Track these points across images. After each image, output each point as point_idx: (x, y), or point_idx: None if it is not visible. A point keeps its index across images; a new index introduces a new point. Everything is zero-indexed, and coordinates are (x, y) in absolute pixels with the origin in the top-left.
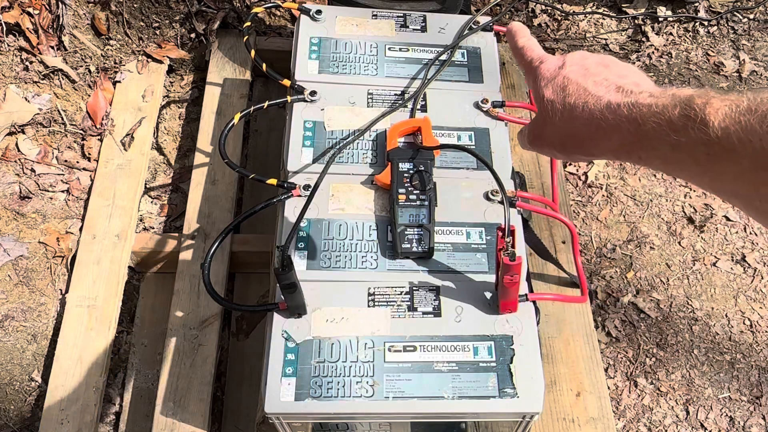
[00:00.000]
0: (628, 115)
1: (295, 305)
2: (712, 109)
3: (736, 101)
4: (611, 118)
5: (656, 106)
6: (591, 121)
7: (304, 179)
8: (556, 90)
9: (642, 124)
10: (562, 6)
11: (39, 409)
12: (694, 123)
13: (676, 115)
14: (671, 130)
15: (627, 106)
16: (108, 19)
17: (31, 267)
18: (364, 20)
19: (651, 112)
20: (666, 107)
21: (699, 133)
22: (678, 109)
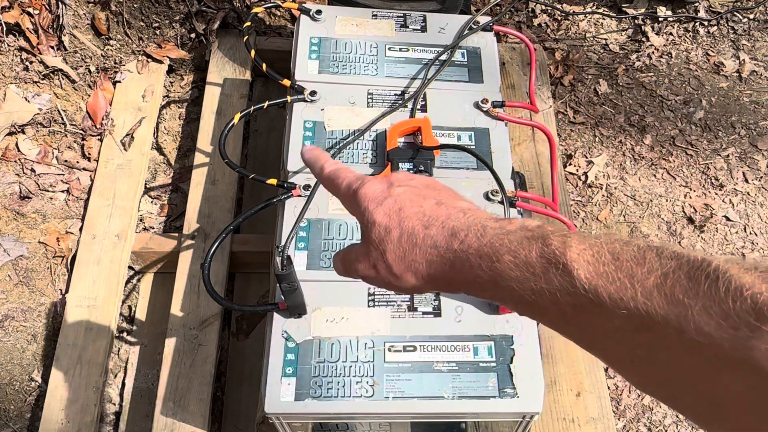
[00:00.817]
0: (479, 248)
1: (295, 305)
2: (572, 254)
3: (596, 244)
4: (458, 247)
5: (509, 239)
6: (435, 251)
7: (304, 179)
8: (390, 213)
9: (496, 261)
10: (562, 6)
11: (39, 409)
12: (556, 269)
13: (534, 255)
14: (530, 273)
15: (476, 236)
16: (108, 19)
17: (31, 267)
18: (364, 20)
19: (504, 247)
20: (521, 243)
21: (563, 281)
22: (535, 249)
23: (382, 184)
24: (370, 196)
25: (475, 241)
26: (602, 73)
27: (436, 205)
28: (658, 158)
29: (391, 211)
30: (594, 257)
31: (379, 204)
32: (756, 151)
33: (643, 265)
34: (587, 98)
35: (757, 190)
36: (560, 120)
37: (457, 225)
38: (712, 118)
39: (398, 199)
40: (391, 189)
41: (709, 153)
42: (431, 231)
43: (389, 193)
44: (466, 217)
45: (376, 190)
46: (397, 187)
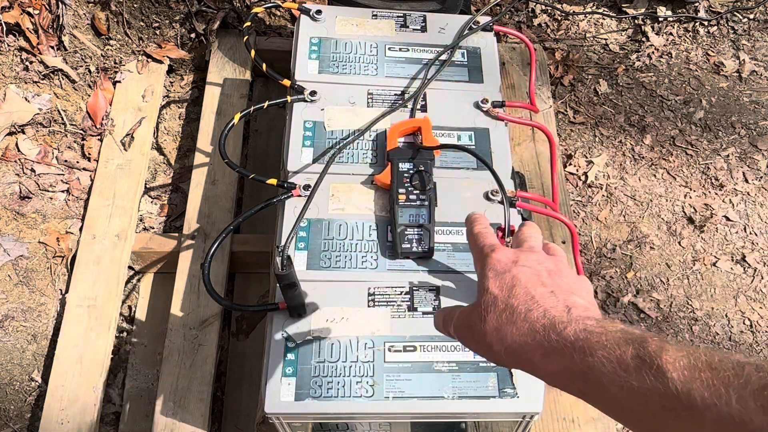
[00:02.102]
0: (575, 341)
1: (295, 305)
2: (669, 357)
3: (694, 353)
4: (555, 338)
5: (606, 338)
6: (531, 334)
7: (304, 179)
8: (503, 287)
9: (589, 355)
10: (562, 6)
11: (39, 409)
12: (650, 369)
13: (629, 354)
14: (622, 369)
15: (574, 331)
16: (108, 19)
17: (31, 267)
18: (364, 20)
19: (600, 344)
20: (618, 342)
21: (655, 381)
22: (631, 349)
23: (509, 258)
24: (495, 265)
25: (572, 335)
26: (602, 73)
27: (548, 294)
28: (658, 158)
29: (504, 285)
30: (690, 363)
31: (498, 275)
32: (756, 151)
33: (741, 376)
34: (587, 98)
35: (757, 190)
36: (560, 120)
37: (558, 317)
38: (712, 118)
39: (516, 276)
40: (515, 266)
41: (709, 153)
42: (532, 315)
43: (510, 269)
44: (570, 314)
45: (502, 262)
46: (522, 266)
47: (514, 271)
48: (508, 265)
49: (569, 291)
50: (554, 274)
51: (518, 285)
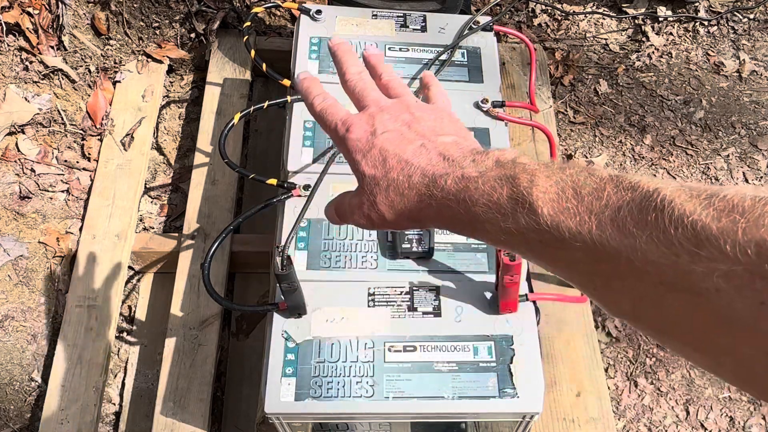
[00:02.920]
0: (456, 193)
1: (295, 305)
2: (538, 192)
3: (562, 180)
4: (440, 195)
5: (483, 182)
6: (420, 198)
7: (304, 179)
8: (376, 164)
9: (472, 206)
10: (562, 6)
11: (39, 409)
12: (523, 209)
13: (505, 197)
14: (501, 214)
15: (454, 181)
16: (108, 19)
17: (31, 267)
18: (364, 20)
19: (480, 191)
20: (494, 186)
21: (529, 221)
22: (506, 190)
23: (366, 131)
24: (356, 146)
25: (453, 187)
26: (602, 73)
27: (419, 149)
28: (658, 158)
29: (376, 162)
30: (558, 194)
31: (364, 155)
32: (756, 151)
33: (602, 198)
34: (587, 98)
35: None
36: (560, 120)
37: (436, 172)
38: (712, 118)
39: (382, 147)
40: (375, 138)
41: (709, 153)
42: (414, 180)
43: (373, 143)
44: (446, 162)
45: (361, 140)
46: (381, 133)
47: (377, 142)
48: (369, 139)
49: (435, 134)
50: (414, 122)
51: (388, 156)
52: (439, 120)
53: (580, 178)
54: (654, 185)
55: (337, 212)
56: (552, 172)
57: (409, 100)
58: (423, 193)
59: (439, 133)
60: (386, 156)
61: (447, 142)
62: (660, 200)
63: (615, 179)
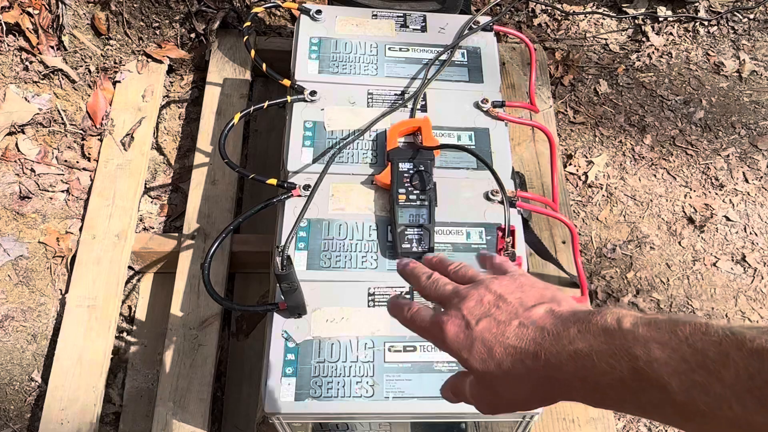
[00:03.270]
0: (576, 372)
1: (295, 305)
2: (659, 366)
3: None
4: (560, 377)
5: (598, 358)
6: (540, 381)
7: (304, 179)
8: (484, 359)
9: (596, 385)
10: (562, 6)
11: (39, 409)
12: (651, 385)
13: (627, 375)
14: (630, 392)
15: (569, 361)
16: (108, 19)
17: (31, 267)
18: (364, 20)
19: (599, 370)
20: (611, 364)
21: (662, 396)
22: (625, 366)
23: (459, 326)
24: (457, 345)
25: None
26: (602, 73)
27: (518, 330)
28: (658, 158)
29: (483, 356)
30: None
31: (469, 351)
32: (756, 151)
33: (728, 366)
34: (587, 98)
35: (757, 190)
36: (560, 120)
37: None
38: (712, 118)
39: (483, 339)
40: (471, 331)
41: (709, 153)
42: (528, 363)
43: (473, 336)
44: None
45: (459, 336)
46: (475, 325)
47: (476, 335)
48: (466, 333)
49: (525, 307)
50: (500, 301)
51: (493, 347)
52: (520, 289)
53: (698, 344)
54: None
55: (455, 395)
56: (666, 338)
57: (484, 278)
58: (542, 376)
59: (528, 305)
60: (491, 347)
61: (541, 314)
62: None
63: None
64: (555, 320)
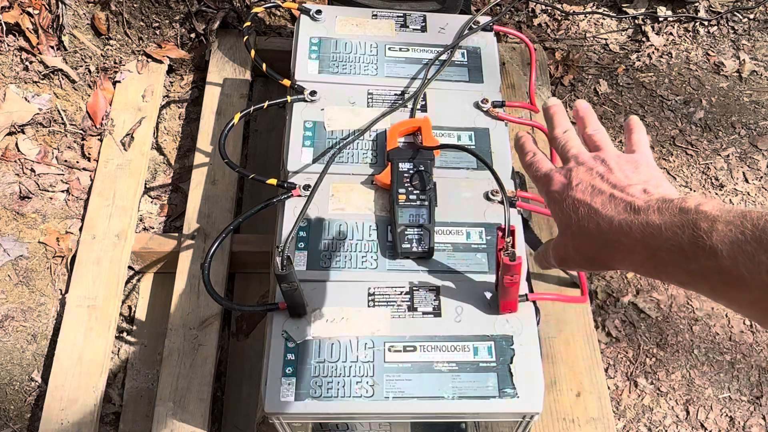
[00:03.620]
0: (641, 239)
1: (295, 305)
2: (717, 236)
3: (740, 226)
4: (625, 241)
5: (666, 228)
6: (607, 244)
7: (304, 179)
8: (569, 213)
9: (656, 250)
10: (562, 6)
11: (39, 409)
12: (704, 251)
13: (686, 241)
14: (683, 257)
15: (639, 228)
16: (108, 19)
17: (31, 267)
18: (364, 20)
19: (663, 237)
20: (676, 232)
21: (709, 262)
22: (687, 234)
23: (563, 183)
24: (554, 196)
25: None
26: (602, 73)
27: (608, 200)
28: (658, 158)
29: (569, 211)
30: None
31: (560, 205)
32: (756, 151)
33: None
34: (587, 98)
35: (757, 190)
36: None
37: (623, 220)
38: (712, 118)
39: (575, 198)
40: (569, 189)
41: (709, 153)
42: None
43: (568, 194)
44: (632, 212)
45: (558, 191)
46: (575, 185)
47: (571, 193)
48: (564, 190)
49: (626, 184)
50: (607, 173)
51: (579, 206)
52: (633, 169)
53: (761, 223)
54: None
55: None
56: (733, 217)
57: (607, 152)
58: (611, 240)
59: (630, 183)
60: (578, 206)
61: (635, 192)
62: None
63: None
64: (643, 197)
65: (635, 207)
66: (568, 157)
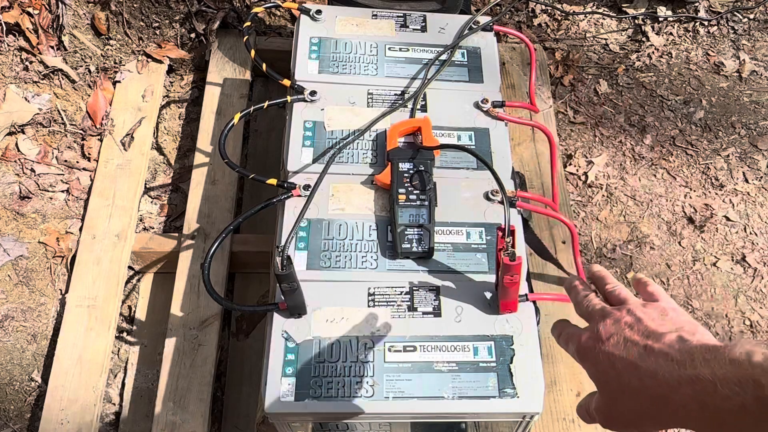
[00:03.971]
0: (694, 396)
1: (295, 305)
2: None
3: None
4: (677, 399)
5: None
6: (654, 401)
7: (304, 179)
8: (606, 369)
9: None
10: (562, 6)
11: (39, 409)
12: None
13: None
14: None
15: (688, 384)
16: (108, 19)
17: (31, 267)
18: (364, 20)
19: (720, 396)
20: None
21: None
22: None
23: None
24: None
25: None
26: (602, 73)
27: (643, 351)
28: (658, 158)
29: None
30: None
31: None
32: (756, 151)
33: None
34: (587, 98)
35: (757, 190)
36: (560, 120)
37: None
38: (712, 118)
39: (609, 353)
40: (601, 344)
41: (709, 153)
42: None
43: (600, 348)
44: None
45: (589, 346)
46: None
47: (604, 347)
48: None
49: (658, 333)
50: (636, 324)
51: (615, 360)
52: (663, 317)
53: None
54: None
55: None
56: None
57: (632, 303)
58: (657, 395)
59: (663, 332)
60: (614, 360)
61: (671, 340)
62: None
63: None
64: (682, 346)
65: (675, 359)
66: (593, 314)
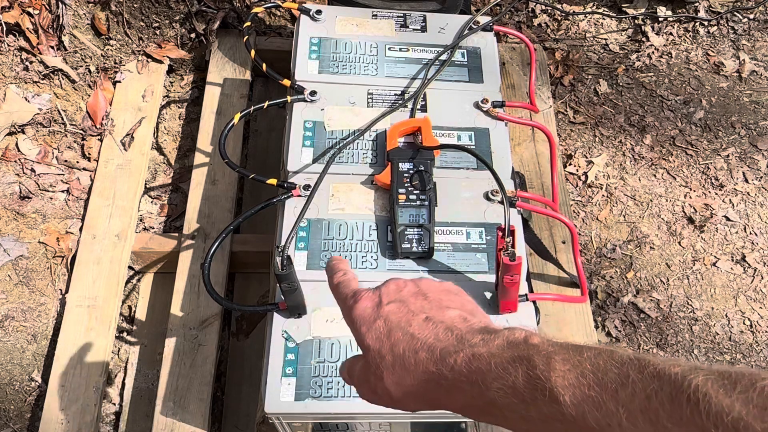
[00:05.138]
0: (468, 374)
1: (295, 305)
2: (556, 377)
3: (579, 364)
4: (450, 375)
5: (495, 363)
6: (428, 376)
7: (304, 179)
8: (381, 338)
9: (485, 389)
10: (562, 6)
11: (39, 409)
12: (543, 396)
13: (521, 381)
14: (519, 400)
15: (464, 360)
16: (108, 19)
17: (31, 267)
18: (364, 20)
19: (493, 374)
20: (508, 369)
21: (552, 410)
22: (521, 374)
23: (372, 302)
24: (361, 317)
25: (464, 367)
26: (602, 73)
27: (424, 323)
28: (658, 158)
29: (381, 335)
30: (578, 379)
31: (369, 327)
32: (756, 151)
33: (627, 386)
34: (587, 98)
35: (757, 190)
36: (560, 120)
37: (444, 348)
38: (712, 118)
39: (387, 319)
40: (380, 309)
41: (709, 153)
42: (421, 356)
43: (378, 314)
44: (454, 336)
45: (366, 311)
46: (386, 305)
47: (383, 314)
48: (374, 312)
49: (440, 306)
50: (419, 295)
51: (393, 329)
52: (445, 292)
53: (600, 362)
54: (681, 372)
55: (350, 375)
56: (568, 355)
57: (411, 279)
58: (431, 372)
59: (445, 306)
60: (391, 328)
61: (453, 315)
62: (693, 392)
63: (637, 363)
64: (464, 325)
65: (456, 334)
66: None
